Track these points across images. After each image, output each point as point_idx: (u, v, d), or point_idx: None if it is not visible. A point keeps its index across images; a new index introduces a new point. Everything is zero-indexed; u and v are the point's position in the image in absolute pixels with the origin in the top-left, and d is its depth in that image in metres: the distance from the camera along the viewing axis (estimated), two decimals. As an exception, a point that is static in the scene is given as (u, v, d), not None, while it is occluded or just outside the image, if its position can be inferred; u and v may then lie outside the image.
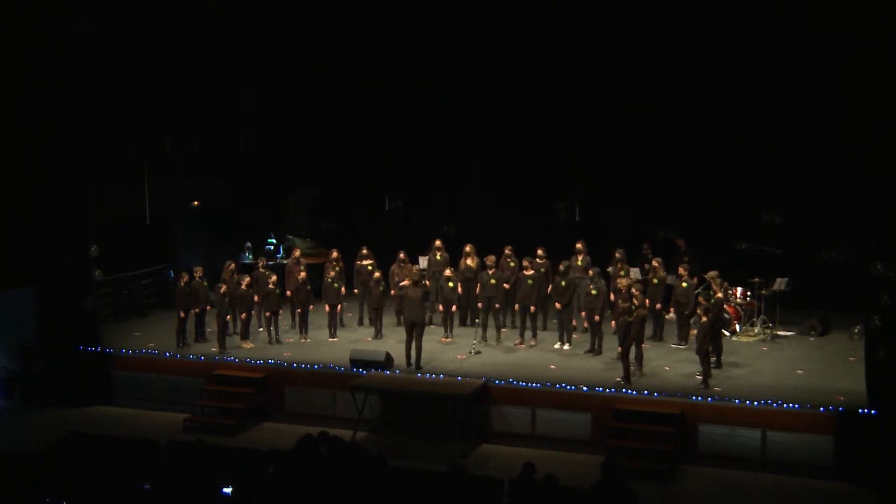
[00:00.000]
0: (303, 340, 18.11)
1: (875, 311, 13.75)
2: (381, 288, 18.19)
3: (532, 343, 17.55)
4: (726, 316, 17.24)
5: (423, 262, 18.95)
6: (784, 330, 18.05)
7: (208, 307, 18.07)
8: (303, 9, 17.84)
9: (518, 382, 15.31)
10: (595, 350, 16.83)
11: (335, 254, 18.85)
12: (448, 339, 17.84)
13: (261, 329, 18.39)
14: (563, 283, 17.07)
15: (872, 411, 13.67)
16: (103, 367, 17.62)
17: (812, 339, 17.85)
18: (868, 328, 14.08)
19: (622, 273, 17.43)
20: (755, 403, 14.22)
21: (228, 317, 17.73)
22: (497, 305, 17.64)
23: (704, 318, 15.07)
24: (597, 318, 16.73)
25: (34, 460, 11.28)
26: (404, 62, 18.66)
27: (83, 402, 17.40)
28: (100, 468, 11.57)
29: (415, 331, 16.23)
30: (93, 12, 16.85)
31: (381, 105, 19.69)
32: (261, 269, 18.40)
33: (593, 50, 17.49)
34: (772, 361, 16.47)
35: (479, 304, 17.78)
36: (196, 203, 22.09)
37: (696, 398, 14.52)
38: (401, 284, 17.63)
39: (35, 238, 17.66)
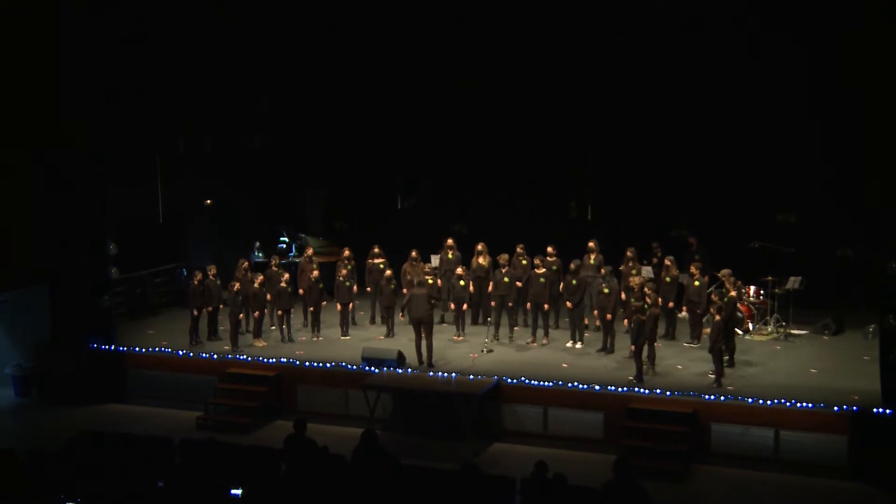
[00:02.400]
0: (315, 339, 18.20)
1: (890, 310, 13.79)
2: (393, 286, 18.20)
3: (544, 342, 17.61)
4: (739, 314, 17.26)
5: (434, 260, 19.03)
6: (797, 329, 18.04)
7: (221, 306, 18.20)
8: (314, 9, 17.89)
9: (530, 381, 15.34)
10: (607, 349, 16.89)
11: (347, 252, 18.96)
12: (460, 338, 17.91)
13: (273, 328, 18.55)
14: (575, 281, 17.13)
15: (887, 411, 13.68)
16: (117, 365, 17.78)
17: (826, 338, 17.83)
18: (883, 327, 14.07)
19: (634, 272, 17.50)
20: (768, 403, 14.21)
21: (241, 315, 17.85)
22: (510, 304, 17.71)
23: (717, 317, 15.10)
24: (609, 316, 16.81)
25: (50, 458, 11.43)
26: (417, 63, 18.72)
27: (98, 400, 17.56)
28: (114, 466, 11.68)
29: (422, 328, 16.32)
30: (109, 13, 16.97)
31: (394, 105, 19.78)
32: (274, 268, 18.56)
33: (604, 50, 17.54)
34: (785, 360, 16.48)
35: (492, 303, 17.84)
36: (209, 202, 22.19)
37: (709, 397, 14.51)
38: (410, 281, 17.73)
39: (50, 237, 17.80)
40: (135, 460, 12.10)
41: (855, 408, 13.85)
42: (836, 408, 13.93)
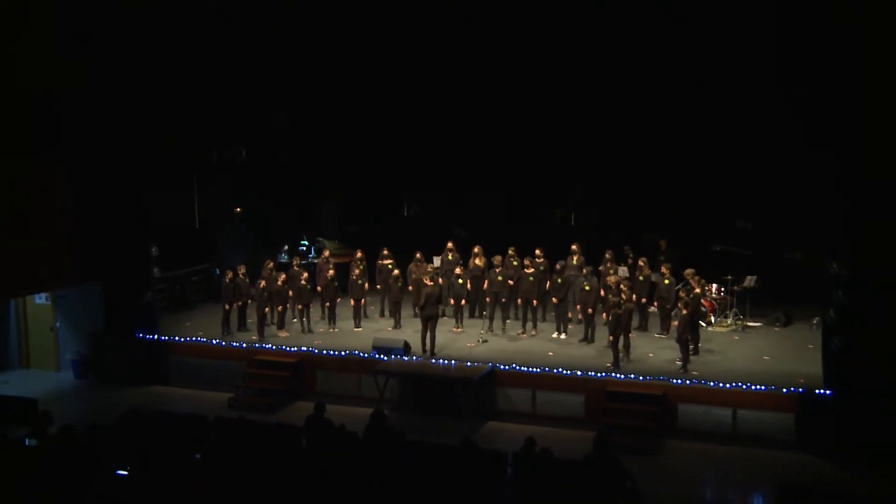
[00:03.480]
0: (331, 330, 18.18)
1: (831, 306, 13.91)
2: (400, 284, 18.25)
3: (533, 333, 17.59)
4: (703, 309, 17.27)
5: (436, 261, 18.92)
6: (753, 321, 18.08)
7: (249, 301, 18.19)
8: (333, 44, 17.94)
9: (520, 367, 15.37)
10: (588, 339, 16.91)
11: (360, 254, 18.90)
12: (459, 330, 17.90)
13: (295, 320, 18.51)
14: (560, 280, 17.14)
15: (828, 392, 13.84)
16: (160, 352, 17.85)
17: (777, 329, 17.88)
18: (825, 320, 14.19)
19: (611, 271, 17.49)
20: (728, 385, 14.31)
21: (267, 309, 17.86)
22: (503, 300, 17.72)
23: (684, 311, 15.19)
24: (589, 310, 16.81)
25: (104, 431, 11.50)
26: (422, 89, 18.66)
27: (144, 382, 17.66)
28: (158, 439, 11.79)
29: (430, 323, 16.34)
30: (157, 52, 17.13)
31: (402, 124, 19.68)
32: (295, 268, 18.53)
33: (586, 78, 17.35)
34: (742, 349, 16.53)
35: (487, 299, 17.83)
36: (238, 210, 22.15)
37: (677, 381, 14.62)
38: (420, 283, 17.67)
39: (102, 241, 17.87)
40: (175, 435, 12.18)
41: (801, 390, 14.04)
42: (785, 390, 14.09)
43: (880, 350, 13.45)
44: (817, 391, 13.91)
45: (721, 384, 14.37)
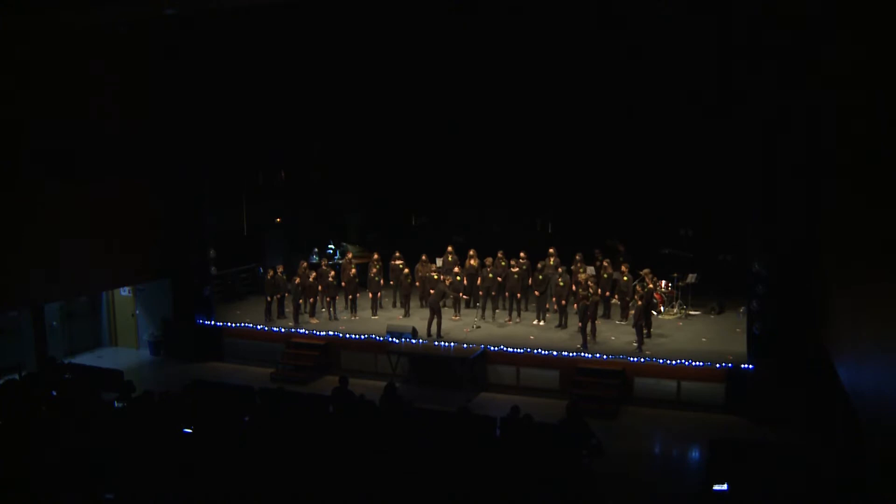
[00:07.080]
0: (353, 318, 18.18)
1: (753, 298, 14.02)
2: (409, 280, 18.29)
3: (517, 320, 17.54)
4: (654, 301, 17.21)
5: (439, 262, 18.90)
6: (693, 310, 18.10)
7: (287, 294, 18.22)
8: (353, 88, 17.96)
9: (507, 348, 15.38)
10: (562, 325, 16.87)
11: (376, 256, 18.78)
12: (457, 318, 17.86)
13: (323, 310, 18.52)
14: (540, 277, 17.18)
15: (751, 366, 13.99)
16: (216, 335, 17.94)
17: (712, 316, 17.84)
18: (749, 309, 14.27)
19: (581, 270, 17.48)
20: (673, 362, 14.40)
21: (301, 301, 17.88)
22: (493, 293, 17.76)
23: (640, 303, 15.23)
24: (563, 302, 16.80)
25: (173, 398, 11.72)
26: (431, 124, 18.48)
27: (203, 358, 17.79)
28: (215, 405, 11.97)
29: (433, 312, 16.39)
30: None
31: (412, 151, 19.56)
32: (324, 267, 18.47)
33: (565, 115, 17.19)
34: (685, 333, 16.52)
35: (480, 293, 17.85)
36: (278, 220, 22.21)
37: (633, 359, 14.66)
38: (425, 280, 17.74)
39: (171, 246, 17.93)
40: (228, 401, 12.35)
41: (730, 365, 14.11)
42: (718, 365, 14.16)
43: (790, 333, 13.55)
44: (742, 366, 14.02)
45: (668, 361, 14.45)
